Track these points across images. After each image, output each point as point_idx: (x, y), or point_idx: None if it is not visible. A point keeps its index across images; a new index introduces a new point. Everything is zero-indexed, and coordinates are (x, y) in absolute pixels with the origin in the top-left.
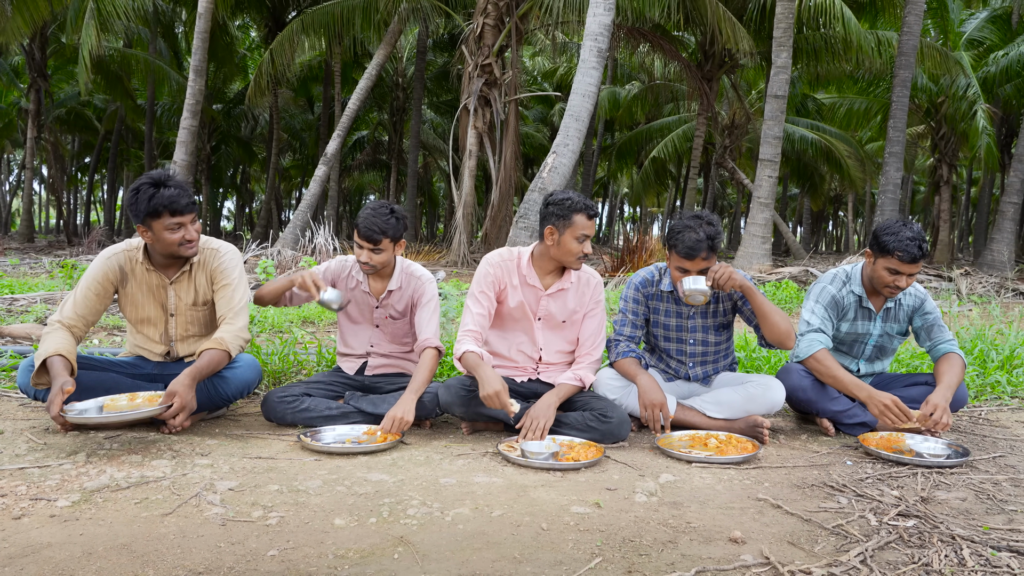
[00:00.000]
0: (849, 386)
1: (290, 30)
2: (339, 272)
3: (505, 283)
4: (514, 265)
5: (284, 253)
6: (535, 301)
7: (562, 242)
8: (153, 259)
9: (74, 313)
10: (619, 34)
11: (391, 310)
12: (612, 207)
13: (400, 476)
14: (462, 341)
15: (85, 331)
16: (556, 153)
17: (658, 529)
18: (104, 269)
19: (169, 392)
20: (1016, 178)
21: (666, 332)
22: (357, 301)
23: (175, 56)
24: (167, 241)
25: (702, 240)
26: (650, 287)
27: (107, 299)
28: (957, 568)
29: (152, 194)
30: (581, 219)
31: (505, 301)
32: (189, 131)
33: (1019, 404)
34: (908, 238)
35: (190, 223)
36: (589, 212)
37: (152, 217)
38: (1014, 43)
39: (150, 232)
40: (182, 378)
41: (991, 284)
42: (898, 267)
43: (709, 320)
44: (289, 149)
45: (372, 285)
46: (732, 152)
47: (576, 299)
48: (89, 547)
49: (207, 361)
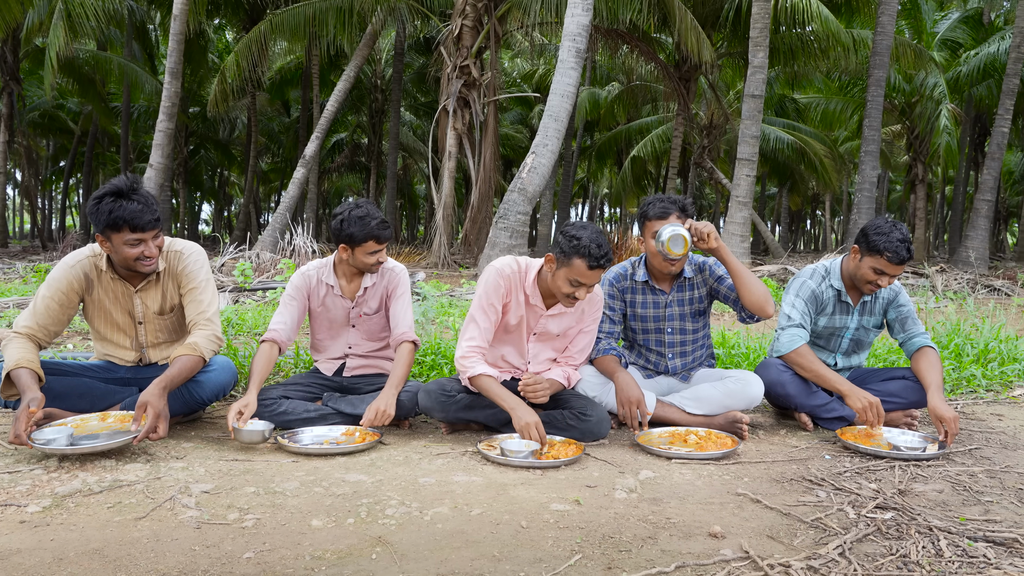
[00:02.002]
0: (830, 381)
1: (258, 32)
2: (307, 286)
3: (511, 297)
4: (519, 280)
5: (263, 256)
6: (535, 320)
7: (556, 277)
8: (117, 267)
9: (35, 323)
10: (597, 35)
11: (366, 307)
12: (592, 208)
13: (379, 476)
14: (471, 358)
15: (50, 340)
16: (535, 153)
17: (638, 525)
18: (68, 278)
19: (140, 403)
20: (990, 176)
21: (644, 324)
22: (329, 307)
23: (149, 58)
24: (124, 255)
25: (670, 203)
26: (624, 281)
27: (71, 309)
28: (934, 559)
29: (113, 206)
30: (581, 265)
31: (507, 315)
32: (165, 134)
33: (994, 397)
34: (898, 240)
35: (151, 239)
36: (593, 261)
37: (112, 230)
38: (985, 43)
39: (109, 243)
40: (152, 388)
41: (966, 280)
42: (885, 268)
43: (686, 308)
44: (267, 152)
45: (344, 287)
46: (711, 152)
47: (576, 318)
48: (60, 552)
49: (179, 368)
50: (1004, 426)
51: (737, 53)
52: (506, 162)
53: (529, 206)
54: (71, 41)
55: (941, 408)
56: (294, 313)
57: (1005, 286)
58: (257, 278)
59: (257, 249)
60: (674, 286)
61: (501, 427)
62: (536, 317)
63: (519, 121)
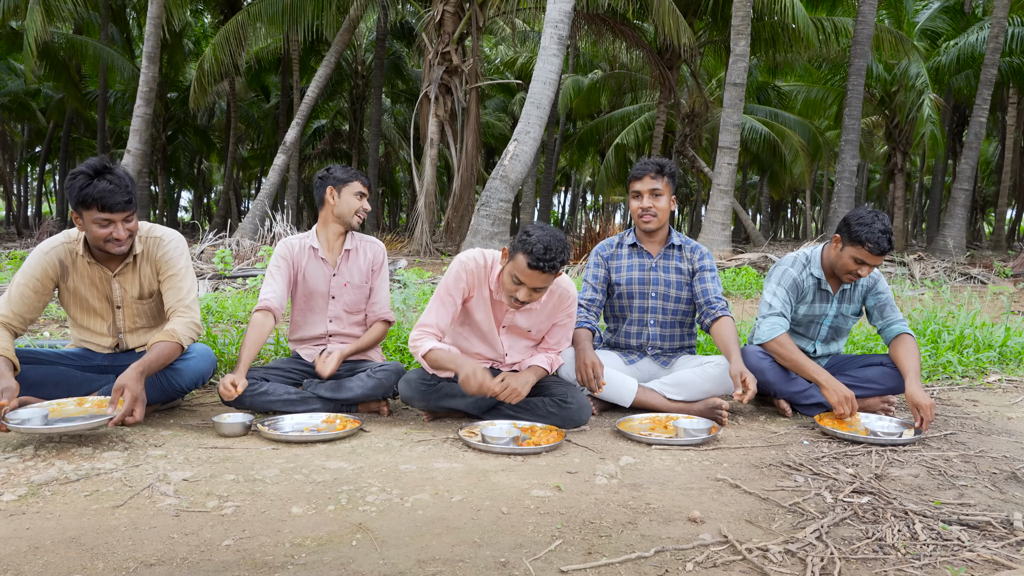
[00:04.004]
0: (809, 370)
1: (235, 23)
2: (290, 253)
3: (475, 292)
4: (484, 275)
5: (243, 243)
6: (501, 314)
7: (503, 272)
8: (94, 251)
9: (10, 311)
10: (580, 22)
11: (347, 275)
12: (575, 196)
13: (359, 463)
14: (421, 339)
15: (24, 328)
16: (518, 141)
17: (618, 511)
18: (43, 264)
19: (117, 387)
20: (967, 165)
21: (628, 288)
22: (310, 277)
23: (128, 43)
24: (93, 234)
25: (649, 163)
26: (610, 248)
27: (46, 296)
28: (909, 542)
29: (85, 184)
30: (522, 262)
31: (472, 311)
32: (143, 119)
33: (969, 383)
34: (880, 231)
35: (121, 221)
36: (533, 260)
37: (82, 207)
38: (964, 33)
39: (80, 220)
40: (130, 372)
41: (943, 268)
42: (865, 258)
43: (672, 275)
44: (247, 138)
45: (327, 251)
46: (692, 140)
47: (546, 314)
48: (36, 541)
49: (156, 354)
50: (979, 412)
51: (719, 41)
52: (487, 150)
53: (511, 193)
54: (47, 24)
55: (918, 395)
56: (282, 281)
57: (981, 274)
58: (237, 265)
59: (237, 236)
60: (661, 252)
61: (482, 414)
62: (502, 311)
63: (500, 109)
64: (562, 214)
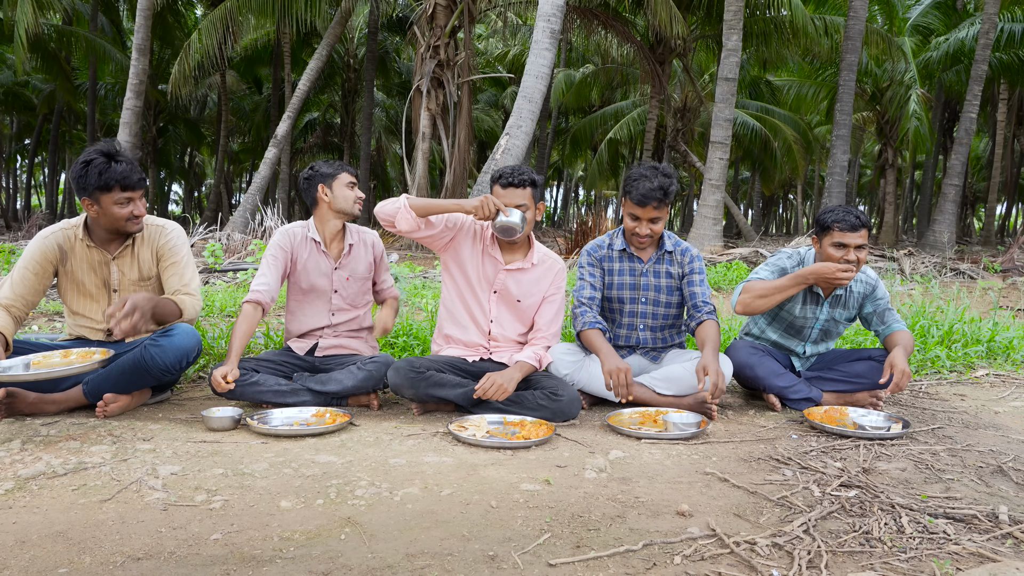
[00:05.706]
0: (783, 285)
1: (223, 10)
2: (291, 244)
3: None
4: (481, 226)
5: (234, 236)
6: (494, 272)
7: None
8: (94, 235)
9: (12, 293)
10: (572, 16)
11: (350, 269)
12: (567, 191)
13: (349, 457)
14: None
15: (25, 312)
16: (509, 135)
17: (607, 504)
18: (43, 248)
19: (123, 300)
20: (957, 161)
21: (620, 292)
22: (311, 270)
23: (118, 34)
24: (115, 216)
25: (655, 189)
26: (601, 250)
27: (46, 279)
28: (896, 535)
29: (103, 167)
30: (496, 187)
31: (464, 267)
32: (133, 112)
33: (957, 378)
34: (843, 210)
35: (139, 199)
36: (501, 179)
37: (102, 191)
38: (955, 29)
39: (97, 206)
40: (140, 293)
41: (933, 264)
42: (841, 239)
43: (662, 280)
44: (238, 131)
45: (328, 245)
46: (684, 135)
47: (535, 280)
48: (22, 535)
49: (162, 300)
50: (966, 406)
51: (711, 36)
52: (479, 144)
53: None
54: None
55: (899, 360)
56: (277, 273)
57: (970, 269)
58: (228, 259)
59: (228, 230)
60: (652, 256)
61: (472, 407)
62: (496, 269)
63: (492, 103)
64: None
